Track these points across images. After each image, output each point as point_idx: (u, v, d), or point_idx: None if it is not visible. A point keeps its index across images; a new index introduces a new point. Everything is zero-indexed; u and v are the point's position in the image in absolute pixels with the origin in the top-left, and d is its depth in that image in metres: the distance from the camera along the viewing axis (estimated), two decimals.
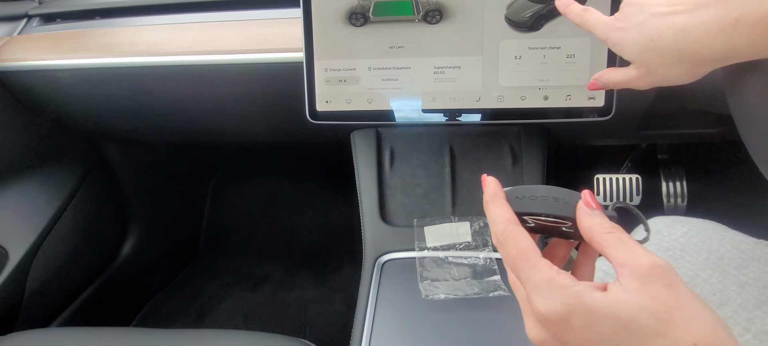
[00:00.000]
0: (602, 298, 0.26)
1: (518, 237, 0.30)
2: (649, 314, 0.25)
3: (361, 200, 0.73)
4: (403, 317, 0.58)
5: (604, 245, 0.28)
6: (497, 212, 0.32)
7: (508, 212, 0.32)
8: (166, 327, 1.06)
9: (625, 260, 0.27)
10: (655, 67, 0.34)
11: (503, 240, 0.31)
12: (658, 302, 0.25)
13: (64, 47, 0.79)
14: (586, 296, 0.26)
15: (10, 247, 0.85)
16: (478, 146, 0.74)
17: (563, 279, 0.27)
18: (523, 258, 0.29)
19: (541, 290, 0.28)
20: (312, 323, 1.10)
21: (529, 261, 0.29)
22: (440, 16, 0.61)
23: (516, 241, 0.30)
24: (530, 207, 0.33)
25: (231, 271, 1.28)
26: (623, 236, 0.28)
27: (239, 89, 0.77)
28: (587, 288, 0.27)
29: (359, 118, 0.65)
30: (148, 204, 1.18)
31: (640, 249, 0.27)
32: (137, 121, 0.90)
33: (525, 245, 0.30)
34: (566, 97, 0.62)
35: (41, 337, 0.64)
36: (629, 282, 0.26)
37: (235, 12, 0.81)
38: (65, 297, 0.98)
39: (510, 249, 0.30)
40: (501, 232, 0.31)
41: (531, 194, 0.33)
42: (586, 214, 0.30)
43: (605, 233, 0.29)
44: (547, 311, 0.27)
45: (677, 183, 1.13)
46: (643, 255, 0.27)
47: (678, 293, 0.26)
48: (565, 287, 0.27)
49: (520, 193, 0.34)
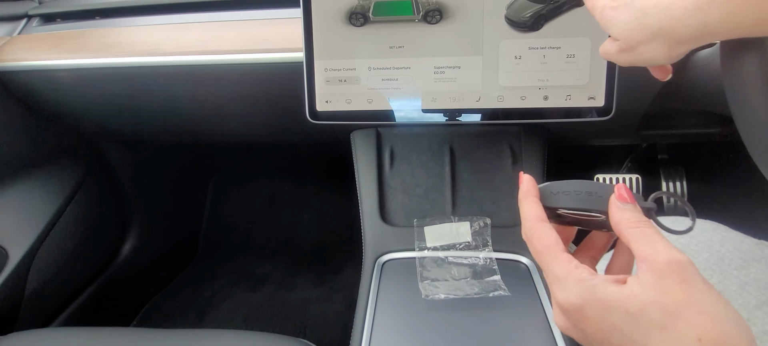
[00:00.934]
0: (616, 291, 0.28)
1: (544, 233, 0.32)
2: (659, 308, 0.26)
3: (361, 200, 0.73)
4: (403, 317, 0.58)
5: (629, 239, 0.30)
6: (527, 208, 0.34)
7: (538, 209, 0.34)
8: (166, 327, 1.06)
9: (645, 254, 0.28)
10: (636, 43, 0.35)
11: (530, 236, 0.33)
12: (668, 297, 0.26)
13: (64, 47, 0.79)
14: (600, 289, 0.28)
15: (10, 247, 0.85)
16: (478, 146, 0.74)
17: (580, 273, 0.29)
18: (546, 252, 0.31)
19: (560, 282, 0.30)
20: (312, 323, 1.10)
21: (551, 255, 0.31)
22: (440, 16, 0.60)
23: (541, 236, 0.32)
24: (564, 202, 0.35)
25: (231, 271, 1.28)
26: (648, 231, 0.29)
27: (239, 89, 0.76)
28: (603, 282, 0.28)
29: (359, 118, 0.65)
30: (148, 204, 1.18)
31: (662, 244, 0.28)
32: (137, 121, 0.90)
33: (549, 240, 0.32)
34: (566, 97, 0.62)
35: (41, 337, 0.64)
36: (645, 276, 0.27)
37: (235, 12, 0.81)
38: (65, 297, 0.98)
39: (536, 244, 0.32)
40: (529, 228, 0.33)
41: (564, 189, 0.35)
42: (617, 208, 0.32)
43: (632, 228, 0.30)
44: (564, 302, 0.30)
45: (677, 183, 1.13)
46: (663, 250, 0.28)
47: (691, 289, 0.26)
48: (581, 280, 0.29)
49: (554, 188, 0.35)
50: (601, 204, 0.33)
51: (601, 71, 0.60)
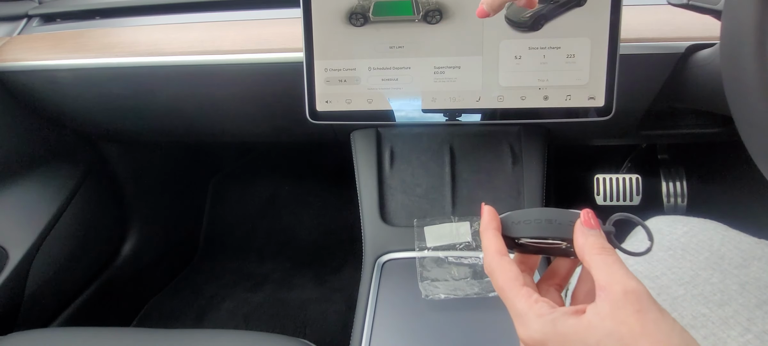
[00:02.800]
0: (575, 324, 0.28)
1: (504, 267, 0.33)
2: (616, 339, 0.27)
3: (361, 200, 0.73)
4: (403, 317, 0.58)
5: (591, 265, 0.30)
6: (487, 242, 0.35)
7: (498, 242, 0.34)
8: (166, 327, 1.06)
9: (603, 283, 0.29)
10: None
11: (491, 270, 0.33)
12: (625, 328, 0.27)
13: (64, 47, 0.79)
14: (560, 323, 0.29)
15: (10, 247, 0.85)
16: (478, 146, 0.74)
17: (540, 307, 0.30)
18: (507, 287, 0.32)
19: (522, 318, 0.30)
20: (312, 323, 1.10)
21: (511, 290, 0.31)
22: (440, 16, 0.61)
23: (502, 270, 0.32)
24: (525, 232, 0.35)
25: (231, 271, 1.28)
26: (609, 259, 0.30)
27: (239, 89, 0.77)
28: (562, 315, 0.29)
29: (359, 118, 0.65)
30: (148, 204, 1.18)
31: (620, 273, 0.29)
32: (137, 121, 0.90)
33: (509, 275, 0.32)
34: (566, 97, 0.62)
35: (41, 337, 0.64)
36: (602, 306, 0.28)
37: (235, 12, 0.81)
38: (65, 297, 0.98)
39: (497, 278, 0.33)
40: (489, 262, 0.33)
41: (525, 219, 0.35)
42: (581, 233, 0.32)
43: (594, 254, 0.31)
44: (526, 338, 0.30)
45: (677, 183, 1.13)
46: (620, 280, 0.28)
47: (645, 319, 0.27)
48: (541, 315, 0.29)
49: (516, 218, 0.36)
50: (562, 231, 0.33)
51: (601, 71, 0.60)
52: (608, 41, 0.59)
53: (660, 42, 0.64)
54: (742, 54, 0.38)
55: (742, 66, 0.37)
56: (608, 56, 0.60)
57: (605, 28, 0.59)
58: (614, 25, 0.59)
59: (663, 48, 0.63)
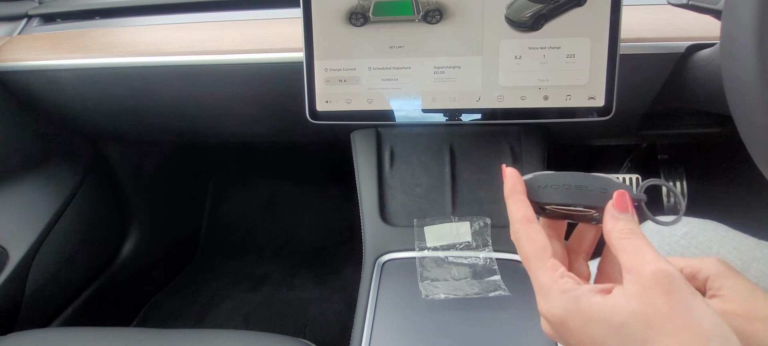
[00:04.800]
0: (599, 302, 0.27)
1: (532, 236, 0.31)
2: (641, 320, 0.26)
3: (361, 200, 0.73)
4: (403, 317, 0.58)
5: (618, 249, 0.29)
6: (515, 207, 0.33)
7: (526, 207, 0.32)
8: (166, 327, 1.06)
9: (631, 265, 0.27)
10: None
11: (518, 238, 0.32)
12: (651, 309, 0.25)
13: (64, 47, 0.79)
14: (584, 300, 0.27)
15: (10, 247, 0.85)
16: (478, 146, 0.74)
17: (564, 283, 0.28)
18: (534, 258, 0.30)
19: (544, 292, 0.29)
20: (312, 323, 1.10)
21: (538, 261, 0.30)
22: (440, 16, 0.61)
23: (530, 240, 0.31)
24: (554, 197, 0.33)
25: (231, 271, 1.28)
26: (639, 242, 0.28)
27: (239, 89, 0.77)
28: (587, 292, 0.28)
29: (359, 118, 0.65)
30: (148, 204, 1.18)
31: (650, 254, 0.27)
32: (137, 121, 0.90)
33: (537, 245, 0.31)
34: (566, 97, 0.62)
35: (41, 337, 0.64)
36: (630, 287, 0.27)
37: (235, 12, 0.81)
38: (65, 297, 0.98)
39: (524, 247, 0.31)
40: (516, 230, 0.32)
41: (553, 183, 0.33)
42: (612, 216, 0.31)
43: (622, 238, 0.29)
44: (547, 312, 0.29)
45: (677, 183, 1.13)
46: (651, 261, 0.27)
47: (675, 301, 0.25)
48: (565, 291, 0.28)
49: (542, 182, 0.33)
50: (594, 199, 0.31)
51: (601, 71, 0.60)
52: (608, 41, 0.59)
53: (660, 42, 0.64)
54: (742, 54, 0.38)
55: (742, 66, 0.37)
56: (608, 56, 0.60)
57: (605, 28, 0.59)
58: (614, 25, 0.59)
59: (663, 48, 0.63)
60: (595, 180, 0.32)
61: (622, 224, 0.30)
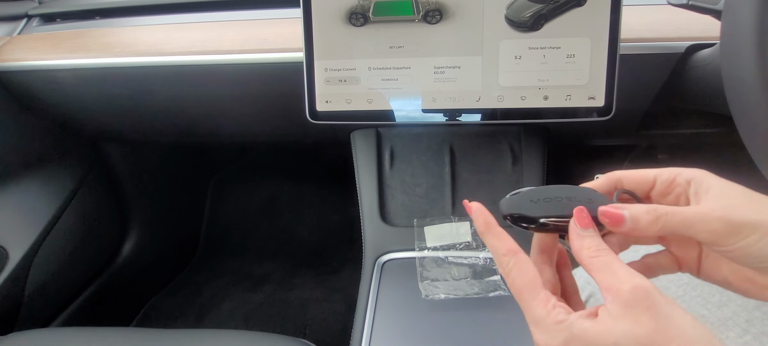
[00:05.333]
0: (591, 327, 0.28)
1: (522, 268, 0.31)
2: (632, 339, 0.26)
3: (361, 200, 0.73)
4: (403, 317, 0.58)
5: (591, 268, 0.30)
6: (497, 242, 0.33)
7: (508, 240, 0.32)
8: (166, 327, 1.06)
9: (608, 284, 0.28)
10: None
11: (507, 271, 0.32)
12: (639, 327, 0.26)
13: (64, 47, 0.79)
14: (577, 327, 0.28)
15: (10, 247, 0.85)
16: (478, 146, 0.74)
17: (557, 314, 0.29)
18: (526, 290, 0.30)
19: (539, 324, 0.30)
20: (312, 323, 1.10)
21: (530, 293, 0.30)
22: (440, 16, 0.61)
23: (520, 273, 0.31)
24: (548, 210, 0.33)
25: (231, 271, 1.28)
26: (609, 259, 0.29)
27: (239, 89, 0.77)
28: (578, 319, 0.28)
29: (359, 118, 0.65)
30: (148, 204, 1.18)
31: (623, 271, 0.28)
32: (137, 121, 0.90)
33: (529, 275, 0.31)
34: (566, 97, 0.62)
35: (41, 337, 0.64)
36: (613, 308, 0.27)
37: (234, 12, 0.81)
38: (65, 297, 0.98)
39: (515, 280, 0.31)
40: (505, 263, 0.32)
41: (545, 196, 0.33)
42: (577, 235, 0.31)
43: (592, 257, 0.30)
44: (544, 344, 0.29)
45: None
46: (625, 278, 0.28)
47: (658, 315, 0.26)
48: (559, 322, 0.29)
49: (534, 196, 0.34)
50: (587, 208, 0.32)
51: (601, 71, 0.60)
52: (608, 41, 0.59)
53: (660, 42, 0.64)
54: (742, 54, 0.38)
55: (742, 66, 0.37)
56: (608, 56, 0.60)
57: (605, 28, 0.59)
58: (614, 25, 0.59)
59: (663, 48, 0.63)
60: (582, 192, 0.33)
61: (588, 242, 0.31)
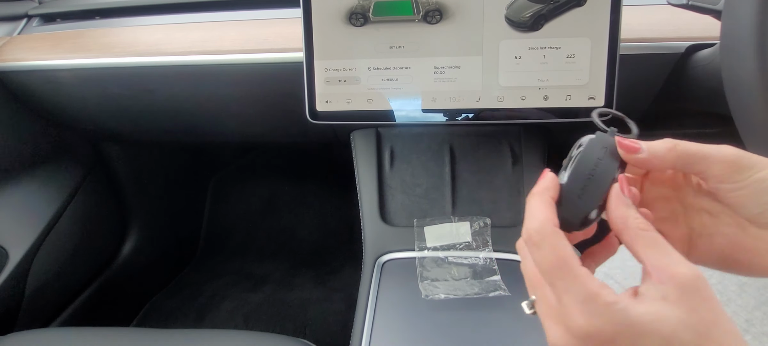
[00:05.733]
0: (645, 313, 0.24)
1: (557, 242, 0.27)
2: (689, 328, 0.24)
3: (361, 200, 0.73)
4: (403, 317, 0.58)
5: (638, 243, 0.27)
6: (538, 207, 0.29)
7: (551, 212, 0.29)
8: (166, 327, 1.06)
9: (662, 264, 0.25)
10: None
11: (538, 241, 0.27)
12: (696, 316, 0.24)
13: (64, 47, 0.79)
14: (633, 312, 0.25)
15: (10, 247, 0.85)
16: (478, 146, 0.74)
17: (608, 295, 0.25)
18: (562, 266, 0.26)
19: (584, 306, 0.25)
20: (312, 323, 1.10)
21: (570, 271, 0.26)
22: (440, 16, 0.61)
23: (555, 246, 0.27)
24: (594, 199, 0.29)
25: (231, 271, 1.28)
26: (659, 236, 0.26)
27: (239, 89, 0.77)
28: (632, 303, 0.25)
29: (359, 118, 0.65)
30: (148, 204, 1.18)
31: (676, 254, 0.26)
32: (137, 121, 0.90)
33: (564, 252, 0.27)
34: (566, 97, 0.62)
35: (41, 337, 0.64)
36: (669, 291, 0.25)
37: (235, 12, 0.81)
38: (65, 297, 0.98)
39: (546, 254, 0.27)
40: (536, 231, 0.28)
41: (581, 184, 0.30)
42: (621, 202, 0.28)
43: (642, 230, 0.27)
44: (591, 328, 0.25)
45: None
46: (681, 262, 0.25)
47: (713, 307, 0.25)
48: (610, 303, 0.25)
49: (575, 188, 0.30)
50: (610, 168, 0.30)
51: (601, 71, 0.60)
52: (608, 41, 0.59)
53: (660, 42, 0.64)
54: (742, 54, 0.38)
55: (742, 66, 0.37)
56: (608, 56, 0.60)
57: (605, 28, 0.59)
58: (614, 25, 0.59)
59: (663, 48, 0.63)
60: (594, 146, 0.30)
61: (633, 213, 0.27)
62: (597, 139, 0.31)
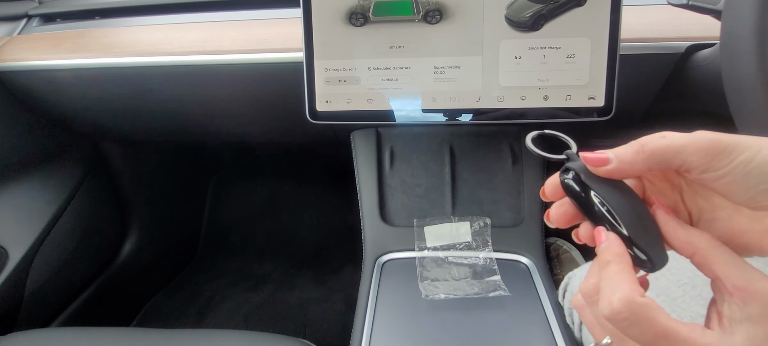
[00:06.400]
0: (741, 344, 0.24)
1: (653, 316, 0.25)
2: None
3: (361, 200, 0.73)
4: (403, 317, 0.58)
5: (715, 260, 0.26)
6: (619, 279, 0.26)
7: (634, 283, 0.26)
8: (166, 327, 1.06)
9: (743, 283, 0.25)
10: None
11: (633, 320, 0.25)
12: None
13: (64, 47, 0.79)
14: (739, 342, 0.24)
15: (10, 247, 0.85)
16: (478, 146, 0.74)
17: (713, 341, 0.25)
18: (668, 336, 0.25)
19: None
20: (312, 323, 1.10)
21: (678, 338, 0.25)
22: (440, 16, 0.61)
23: (652, 322, 0.25)
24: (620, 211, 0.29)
25: (231, 271, 1.28)
26: (729, 252, 0.26)
27: (239, 89, 0.77)
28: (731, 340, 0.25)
29: (359, 118, 0.65)
30: (148, 204, 1.18)
31: (751, 268, 0.25)
32: (137, 121, 0.90)
33: (664, 323, 0.25)
34: (566, 97, 0.62)
35: (41, 337, 0.64)
36: (752, 310, 0.24)
37: (235, 12, 0.81)
38: (65, 297, 0.98)
39: (646, 331, 0.25)
40: (625, 310, 0.25)
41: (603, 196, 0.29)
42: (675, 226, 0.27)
43: (715, 247, 0.26)
44: None
45: None
46: (760, 278, 0.25)
47: None
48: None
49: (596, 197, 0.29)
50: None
51: (601, 71, 0.60)
52: (608, 41, 0.59)
53: (660, 42, 0.64)
54: (742, 54, 0.38)
55: (742, 66, 0.37)
56: (608, 56, 0.60)
57: (605, 28, 0.59)
58: (614, 25, 0.59)
59: (663, 48, 0.63)
60: (589, 182, 0.29)
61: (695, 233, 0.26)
62: (574, 175, 0.29)
